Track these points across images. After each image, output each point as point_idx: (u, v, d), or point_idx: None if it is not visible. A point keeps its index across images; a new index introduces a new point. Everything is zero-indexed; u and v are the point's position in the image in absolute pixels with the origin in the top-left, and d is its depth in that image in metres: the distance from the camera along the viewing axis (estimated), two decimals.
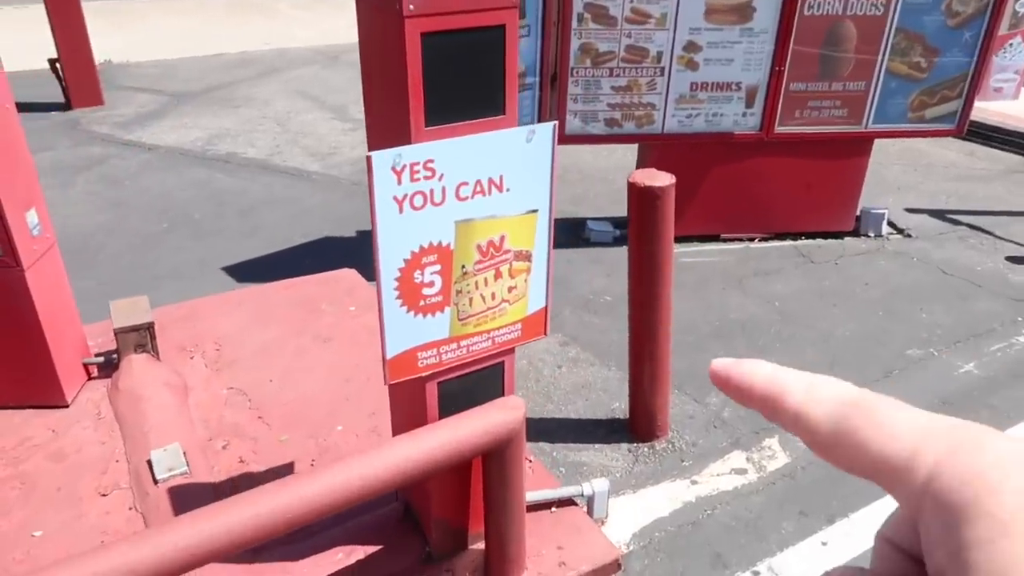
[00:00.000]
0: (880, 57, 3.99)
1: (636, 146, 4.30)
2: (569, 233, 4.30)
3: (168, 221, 4.49)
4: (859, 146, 4.25)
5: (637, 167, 4.26)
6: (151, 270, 3.97)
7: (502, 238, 1.82)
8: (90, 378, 2.92)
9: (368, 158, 1.58)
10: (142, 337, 2.89)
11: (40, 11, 6.02)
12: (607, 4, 3.72)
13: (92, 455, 2.57)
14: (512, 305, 1.93)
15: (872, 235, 4.43)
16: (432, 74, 1.58)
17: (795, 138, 4.13)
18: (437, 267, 1.76)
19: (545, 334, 2.04)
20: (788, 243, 4.32)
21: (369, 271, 3.71)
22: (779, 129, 4.10)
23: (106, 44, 7.44)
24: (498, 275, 1.87)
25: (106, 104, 6.33)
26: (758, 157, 4.17)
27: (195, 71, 7.45)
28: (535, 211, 1.84)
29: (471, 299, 1.85)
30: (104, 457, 2.56)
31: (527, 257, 1.89)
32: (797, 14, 3.84)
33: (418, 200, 1.67)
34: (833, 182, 4.30)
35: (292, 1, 10.77)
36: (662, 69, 3.89)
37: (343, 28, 8.84)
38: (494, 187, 1.75)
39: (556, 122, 1.77)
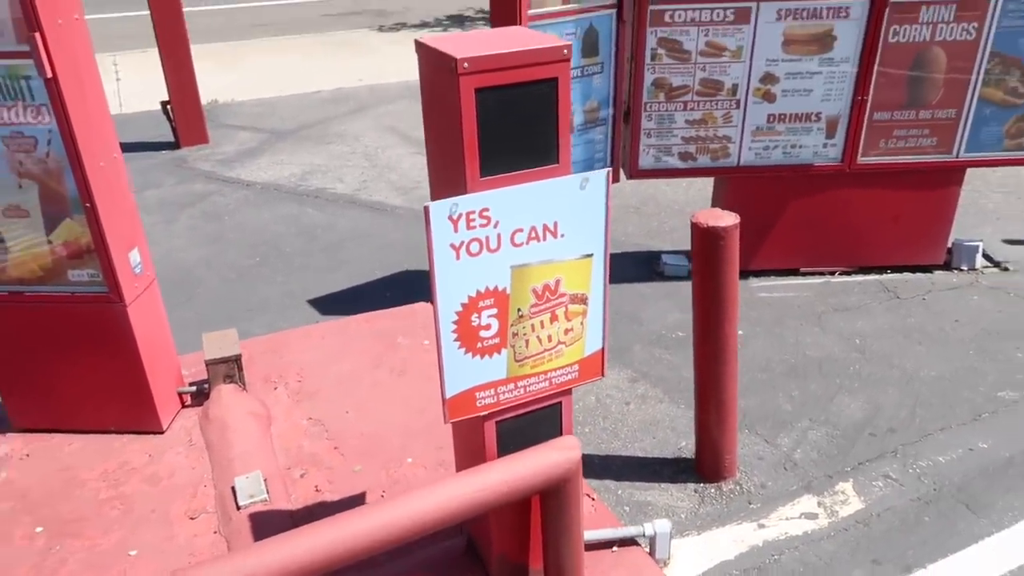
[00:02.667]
0: (972, 83, 3.85)
1: (712, 179, 4.26)
2: (643, 266, 4.30)
3: (260, 255, 4.74)
4: (950, 175, 4.08)
5: (712, 200, 4.23)
6: (243, 302, 4.20)
7: (557, 282, 1.87)
8: (184, 406, 3.12)
9: (425, 208, 1.66)
10: (230, 368, 3.07)
11: (155, 55, 6.49)
12: (681, 39, 3.74)
13: (183, 480, 2.75)
14: (569, 347, 1.97)
15: (965, 268, 4.23)
16: (486, 126, 1.66)
17: (880, 168, 4.01)
18: (494, 310, 1.83)
19: (602, 375, 2.07)
20: (872, 277, 4.18)
21: None
22: (862, 160, 3.99)
23: (212, 84, 7.94)
24: (554, 318, 1.91)
25: (210, 142, 6.75)
26: (840, 189, 4.07)
27: (292, 109, 7.85)
28: (590, 255, 1.89)
29: (527, 341, 1.90)
30: (194, 482, 2.74)
31: (583, 300, 1.94)
32: (881, 42, 3.75)
33: (474, 247, 1.74)
34: (921, 213, 4.15)
35: (385, 37, 11.19)
36: (738, 102, 3.87)
37: None
38: (549, 233, 1.81)
39: (610, 169, 1.82)
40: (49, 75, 2.34)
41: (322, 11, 13.07)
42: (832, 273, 4.21)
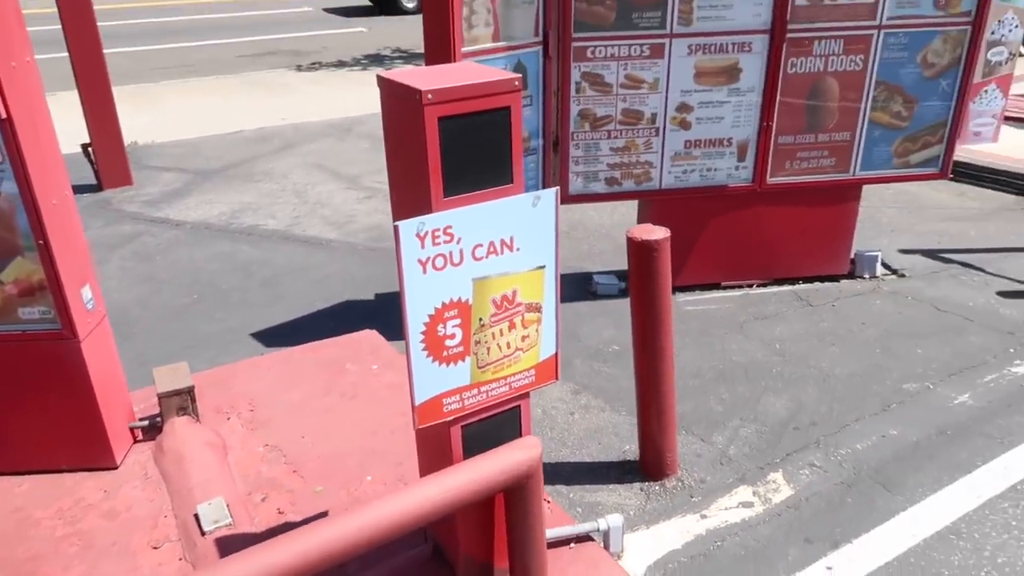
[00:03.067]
0: (862, 108, 4.26)
1: (636, 202, 4.54)
2: (577, 287, 4.52)
3: (197, 293, 4.74)
4: (848, 192, 4.48)
5: (638, 222, 4.50)
6: (184, 340, 4.20)
7: (514, 292, 2.04)
8: (136, 441, 3.12)
9: (396, 227, 1.81)
10: (183, 400, 3.11)
11: (69, 97, 6.40)
12: (603, 72, 4.02)
13: (142, 512, 2.76)
14: (525, 353, 2.14)
15: (867, 276, 4.62)
16: (448, 151, 1.83)
17: (787, 188, 4.37)
18: (458, 320, 1.98)
19: (556, 378, 2.24)
20: (786, 288, 4.52)
21: (388, 331, 3.94)
22: (771, 180, 4.34)
23: (130, 126, 7.83)
24: (512, 326, 2.08)
25: (135, 184, 6.67)
26: (753, 207, 4.41)
27: (216, 149, 7.83)
28: (543, 267, 2.07)
29: (488, 348, 2.06)
30: (153, 513, 2.75)
31: (537, 309, 2.11)
32: (781, 73, 4.12)
33: (439, 261, 1.90)
34: (826, 228, 4.52)
35: (304, 77, 11.26)
36: (657, 129, 4.17)
37: (354, 101, 9.27)
38: (506, 247, 1.98)
39: (558, 188, 2.01)
40: (4, 116, 2.39)
41: (237, 52, 13.05)
42: (751, 285, 4.53)
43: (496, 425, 2.18)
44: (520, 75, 1.92)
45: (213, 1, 19.17)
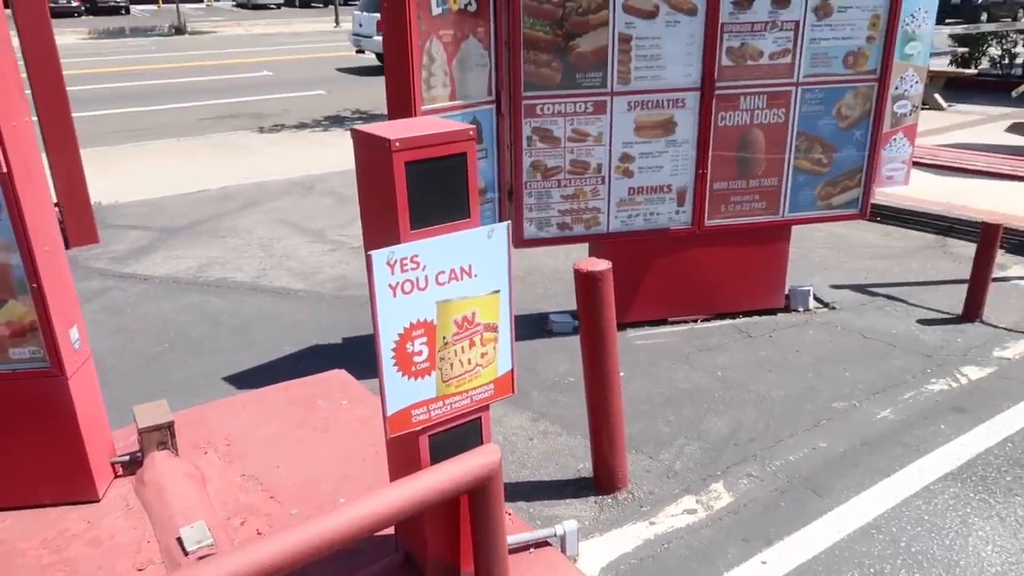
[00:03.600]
0: (787, 156, 4.69)
1: (587, 245, 4.87)
2: (534, 326, 4.81)
3: (168, 342, 4.91)
4: (779, 232, 4.88)
5: None
6: (158, 386, 4.36)
7: (473, 314, 2.32)
8: (116, 476, 3.28)
9: (368, 256, 2.09)
10: (163, 435, 3.28)
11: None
12: (551, 127, 4.39)
13: (125, 539, 2.92)
14: (484, 368, 2.41)
15: (801, 309, 5.00)
16: (414, 191, 2.12)
17: (723, 229, 4.76)
18: (424, 339, 2.25)
19: (513, 392, 2.50)
20: (728, 322, 4.87)
21: (356, 371, 4.17)
22: (708, 223, 4.72)
23: (95, 187, 8.02)
24: (472, 344, 2.35)
25: (101, 242, 6.84)
26: (694, 248, 4.78)
27: (180, 207, 8.04)
28: (498, 291, 2.35)
29: (452, 364, 2.33)
30: (136, 540, 2.91)
31: (494, 328, 2.39)
32: (712, 126, 4.54)
33: (407, 286, 2.17)
34: (761, 265, 4.91)
35: (266, 138, 11.57)
36: (603, 178, 4.53)
37: (314, 160, 9.59)
38: (465, 274, 2.26)
39: (509, 222, 2.31)
40: (4, 170, 2.63)
41: (199, 115, 13.34)
42: (695, 320, 4.87)
43: (460, 435, 2.42)
44: (474, 126, 2.23)
45: (174, 67, 19.54)
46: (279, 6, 45.38)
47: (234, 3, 47.44)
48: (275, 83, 17.23)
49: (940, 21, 10.84)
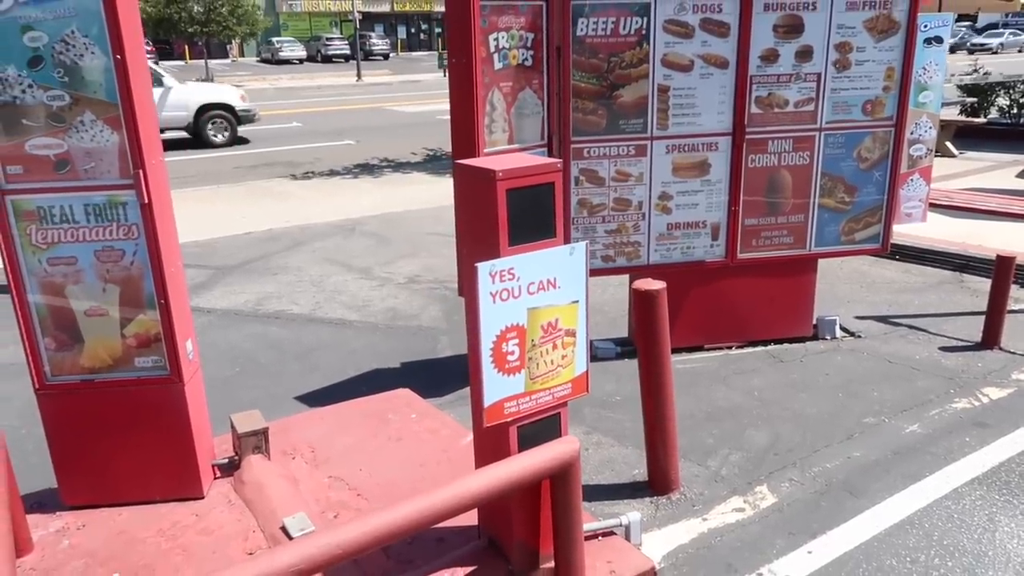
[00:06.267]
0: (812, 196, 5.08)
1: (628, 277, 5.26)
2: None
3: (239, 366, 5.30)
4: (807, 265, 5.25)
5: (630, 295, 5.20)
6: (233, 404, 4.72)
7: (557, 320, 2.69)
8: (215, 478, 3.63)
9: (475, 267, 2.47)
10: (259, 440, 3.64)
11: None
12: (597, 168, 4.81)
13: (233, 529, 3.26)
14: (564, 369, 2.77)
15: (828, 338, 5.34)
16: (512, 214, 2.51)
17: (755, 262, 5.13)
18: (516, 340, 2.62)
19: (587, 391, 2.86)
20: (760, 348, 5.20)
21: (418, 392, 4.52)
22: (741, 256, 5.10)
23: None
24: (555, 346, 2.72)
25: None
26: (727, 279, 5.15)
27: (230, 248, 8.51)
28: (577, 301, 2.73)
29: (538, 363, 2.69)
30: (243, 530, 3.25)
31: (573, 334, 2.76)
32: (744, 167, 4.95)
33: (504, 294, 2.55)
34: (790, 296, 5.26)
35: (300, 184, 12.12)
36: (643, 214, 4.94)
37: (351, 205, 10.09)
38: (551, 285, 2.64)
39: (587, 242, 2.70)
40: (145, 201, 3.05)
41: (234, 164, 13.96)
42: (730, 347, 5.22)
43: (542, 427, 2.77)
44: (560, 160, 2.63)
45: None
46: (301, 61, 46.88)
47: (258, 59, 49.04)
48: (305, 133, 17.94)
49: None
